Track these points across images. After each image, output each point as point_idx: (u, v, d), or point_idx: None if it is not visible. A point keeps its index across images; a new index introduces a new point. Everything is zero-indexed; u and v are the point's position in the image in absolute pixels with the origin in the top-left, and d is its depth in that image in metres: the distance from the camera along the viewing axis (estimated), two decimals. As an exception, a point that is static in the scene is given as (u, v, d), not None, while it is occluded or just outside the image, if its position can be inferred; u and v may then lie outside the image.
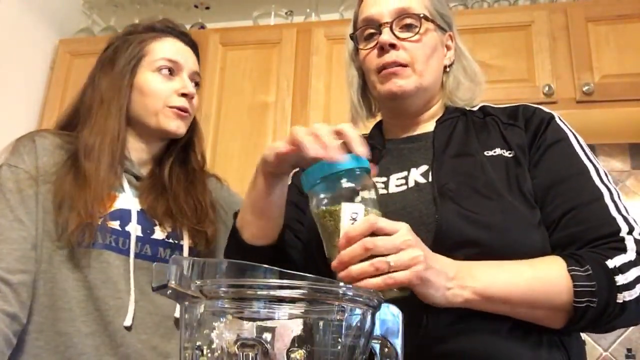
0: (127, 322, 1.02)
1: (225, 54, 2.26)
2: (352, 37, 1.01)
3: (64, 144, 1.10)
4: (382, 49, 0.92)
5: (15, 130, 2.20)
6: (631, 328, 1.93)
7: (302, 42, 2.19)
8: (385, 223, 0.69)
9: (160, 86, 1.12)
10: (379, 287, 0.65)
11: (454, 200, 0.82)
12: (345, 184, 0.70)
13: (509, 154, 0.88)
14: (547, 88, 1.88)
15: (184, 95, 1.13)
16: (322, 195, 0.71)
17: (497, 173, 0.85)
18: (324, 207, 0.70)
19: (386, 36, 0.92)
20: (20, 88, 2.29)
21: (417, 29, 0.93)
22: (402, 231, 0.69)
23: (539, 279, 0.76)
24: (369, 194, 0.71)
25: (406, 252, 0.67)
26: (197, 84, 1.19)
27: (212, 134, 2.14)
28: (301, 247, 0.95)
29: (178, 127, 1.13)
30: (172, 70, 1.14)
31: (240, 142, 2.12)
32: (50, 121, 2.28)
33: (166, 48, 1.15)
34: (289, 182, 0.91)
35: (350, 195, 0.70)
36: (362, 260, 0.66)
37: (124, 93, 1.12)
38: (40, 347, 1.00)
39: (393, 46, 0.92)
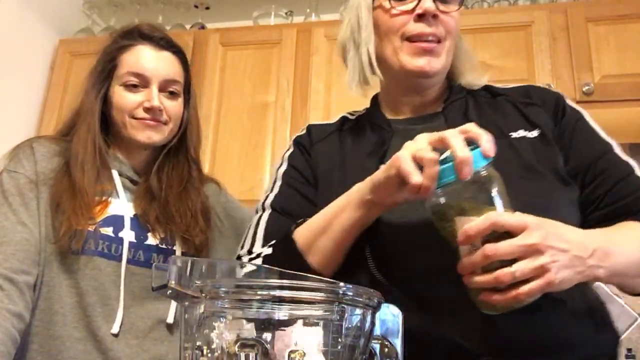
0: (115, 329, 1.03)
1: (225, 54, 2.26)
2: None
3: (61, 150, 1.12)
4: (422, 16, 0.85)
5: (15, 130, 2.20)
6: (631, 328, 1.93)
7: (302, 42, 2.19)
8: (507, 219, 0.61)
9: (124, 100, 1.11)
10: (506, 303, 0.60)
11: None
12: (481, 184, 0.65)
13: (532, 134, 0.85)
14: (547, 88, 1.88)
15: (149, 108, 1.11)
16: (459, 196, 0.66)
17: (527, 154, 0.82)
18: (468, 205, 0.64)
19: (432, 5, 0.85)
20: (20, 88, 2.29)
21: (457, 3, 0.89)
22: (529, 231, 0.61)
23: None
24: (498, 188, 0.66)
25: (532, 260, 0.60)
26: (172, 93, 1.14)
27: (212, 134, 2.14)
28: None
29: (149, 136, 1.11)
30: (138, 84, 1.11)
31: (240, 142, 2.12)
32: (51, 121, 2.28)
33: (133, 60, 1.12)
34: (286, 165, 0.91)
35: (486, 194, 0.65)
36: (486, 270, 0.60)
37: (96, 106, 1.12)
38: (35, 350, 1.01)
39: (435, 17, 0.86)
